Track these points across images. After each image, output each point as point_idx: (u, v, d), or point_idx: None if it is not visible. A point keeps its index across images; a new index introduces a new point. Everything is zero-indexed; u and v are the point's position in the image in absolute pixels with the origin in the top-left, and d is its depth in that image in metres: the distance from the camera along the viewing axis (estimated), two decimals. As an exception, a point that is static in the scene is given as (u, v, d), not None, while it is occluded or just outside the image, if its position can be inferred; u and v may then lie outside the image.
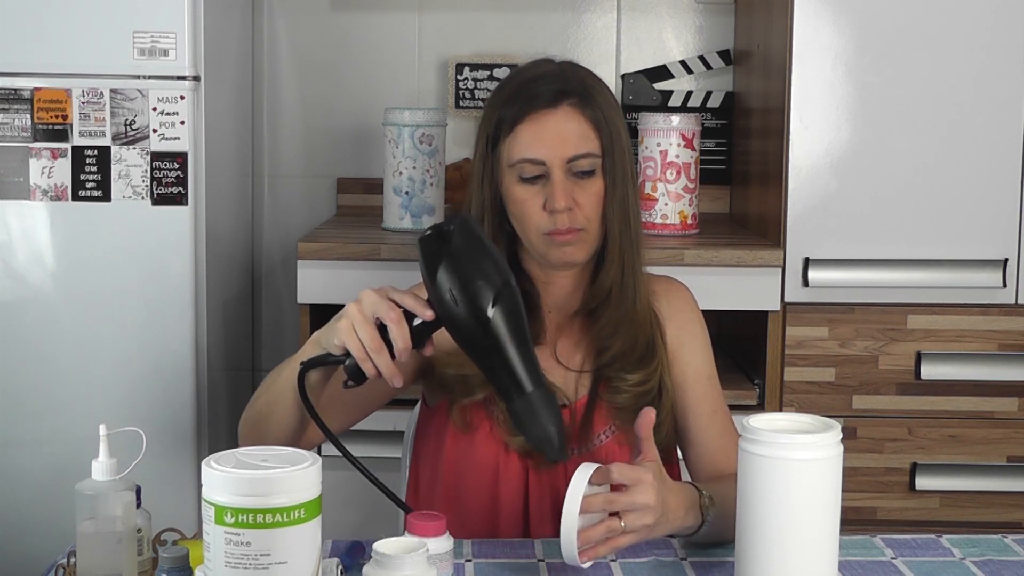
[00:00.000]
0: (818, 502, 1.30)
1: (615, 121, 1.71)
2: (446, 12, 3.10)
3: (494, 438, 1.69)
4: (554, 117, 1.67)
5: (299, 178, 3.13)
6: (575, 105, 1.68)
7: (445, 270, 1.40)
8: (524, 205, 1.68)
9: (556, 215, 1.66)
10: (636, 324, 1.72)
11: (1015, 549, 1.54)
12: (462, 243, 1.42)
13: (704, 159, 2.92)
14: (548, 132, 1.67)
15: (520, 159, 1.67)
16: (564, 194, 1.66)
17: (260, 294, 3.13)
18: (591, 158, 1.67)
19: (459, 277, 1.40)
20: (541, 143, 1.66)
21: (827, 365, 2.57)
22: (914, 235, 2.55)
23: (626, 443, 1.70)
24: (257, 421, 1.62)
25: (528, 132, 1.67)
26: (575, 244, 1.68)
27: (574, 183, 1.67)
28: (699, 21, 3.11)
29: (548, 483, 1.70)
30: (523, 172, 1.67)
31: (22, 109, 2.48)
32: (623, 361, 1.71)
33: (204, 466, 1.14)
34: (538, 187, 1.67)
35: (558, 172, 1.66)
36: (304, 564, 1.14)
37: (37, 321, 2.52)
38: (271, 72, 3.11)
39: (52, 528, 2.40)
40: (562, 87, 1.69)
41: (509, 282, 1.41)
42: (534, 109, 1.67)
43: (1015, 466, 2.58)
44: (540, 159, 1.66)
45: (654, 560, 1.50)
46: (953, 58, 2.53)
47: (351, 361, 1.44)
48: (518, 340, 1.40)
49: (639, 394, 1.70)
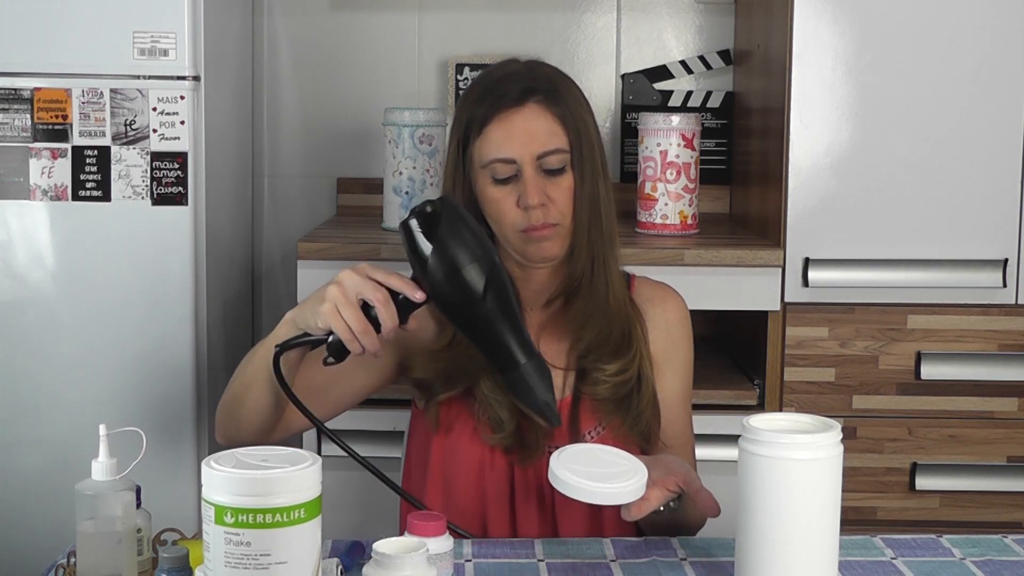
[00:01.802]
0: (818, 502, 1.30)
1: (583, 117, 1.73)
2: (446, 12, 3.10)
3: (478, 437, 1.71)
4: (521, 115, 1.69)
5: (299, 178, 3.13)
6: (541, 102, 1.70)
7: (436, 253, 1.44)
8: (499, 204, 1.70)
9: (530, 211, 1.68)
10: (609, 315, 1.74)
11: (1015, 549, 1.54)
12: (448, 223, 1.46)
13: (704, 159, 2.92)
14: (516, 131, 1.69)
15: (491, 159, 1.69)
16: (536, 190, 1.68)
17: (260, 294, 3.13)
18: (560, 154, 1.70)
19: (450, 258, 1.44)
20: (510, 142, 1.68)
21: (827, 365, 2.57)
22: (914, 235, 2.55)
23: (611, 440, 1.71)
24: (232, 405, 1.63)
25: (497, 132, 1.69)
26: (551, 239, 1.71)
27: (546, 180, 1.70)
28: (699, 21, 3.11)
29: (534, 480, 1.71)
30: (495, 173, 1.69)
31: (22, 109, 2.48)
32: (599, 351, 1.73)
33: (204, 466, 1.14)
34: (511, 186, 1.70)
35: (529, 169, 1.68)
36: (304, 564, 1.14)
37: (37, 321, 2.52)
38: (271, 72, 3.11)
39: (52, 528, 2.39)
40: (528, 85, 1.71)
41: (496, 259, 1.47)
42: (501, 109, 1.70)
43: (1015, 466, 2.58)
44: (511, 158, 1.68)
45: (654, 560, 1.50)
46: (953, 58, 2.53)
47: (335, 338, 1.47)
48: (510, 316, 1.46)
49: (618, 384, 1.72)
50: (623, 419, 1.72)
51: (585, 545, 1.55)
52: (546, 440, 1.70)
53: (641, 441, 1.74)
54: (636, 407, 1.72)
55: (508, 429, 1.68)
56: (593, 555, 1.51)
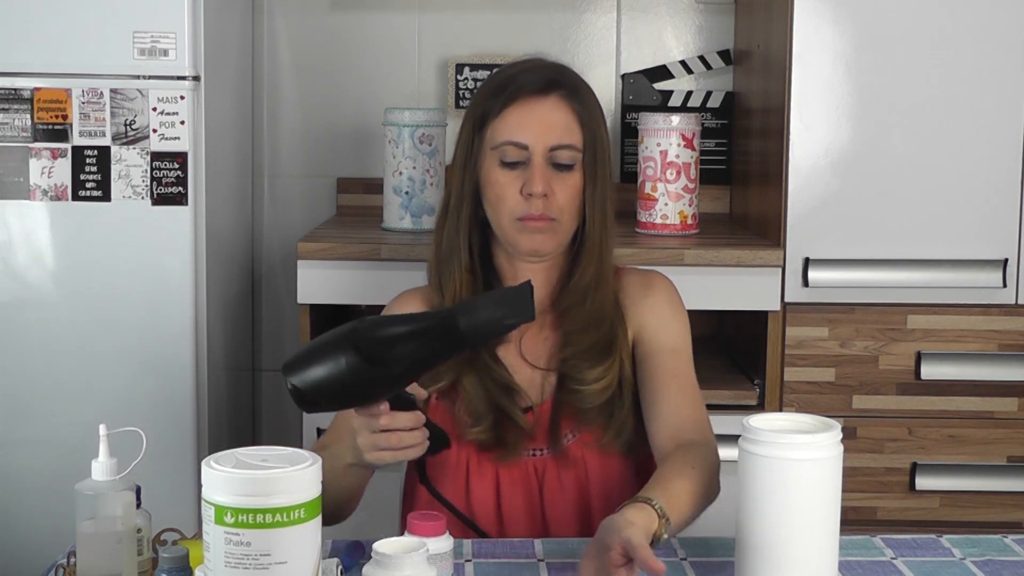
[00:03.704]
0: (818, 502, 1.30)
1: (599, 122, 1.75)
2: (446, 12, 3.10)
3: (464, 440, 1.71)
4: (543, 105, 1.71)
5: (299, 178, 3.13)
6: (564, 97, 1.72)
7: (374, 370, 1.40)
8: (501, 188, 1.71)
9: (532, 200, 1.69)
10: (602, 321, 1.74)
11: (1015, 549, 1.55)
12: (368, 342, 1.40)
13: (704, 159, 2.92)
14: (535, 118, 1.70)
15: (504, 141, 1.70)
16: (542, 179, 1.69)
17: (260, 294, 3.13)
18: (572, 151, 1.71)
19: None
20: (527, 128, 1.70)
21: (827, 365, 2.57)
22: (914, 235, 2.55)
23: (592, 444, 1.72)
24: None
25: (516, 115, 1.70)
26: (545, 232, 1.71)
27: (552, 173, 1.70)
28: (699, 21, 3.11)
29: (520, 480, 1.71)
30: (505, 155, 1.70)
31: (22, 109, 2.48)
32: (584, 355, 1.72)
33: (204, 466, 1.14)
34: (517, 172, 1.71)
35: (539, 159, 1.70)
36: (304, 564, 1.14)
37: (37, 321, 2.52)
38: (271, 72, 3.11)
39: (52, 528, 2.39)
40: (555, 78, 1.73)
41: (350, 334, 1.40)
42: (524, 94, 1.71)
43: (1015, 466, 2.58)
44: (524, 143, 1.69)
45: (654, 560, 1.50)
46: (953, 58, 2.53)
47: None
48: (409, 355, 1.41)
49: (599, 391, 1.71)
50: (604, 429, 1.72)
51: (585, 545, 1.55)
52: (527, 441, 1.70)
53: (625, 450, 1.73)
54: (618, 416, 1.72)
55: (485, 424, 1.69)
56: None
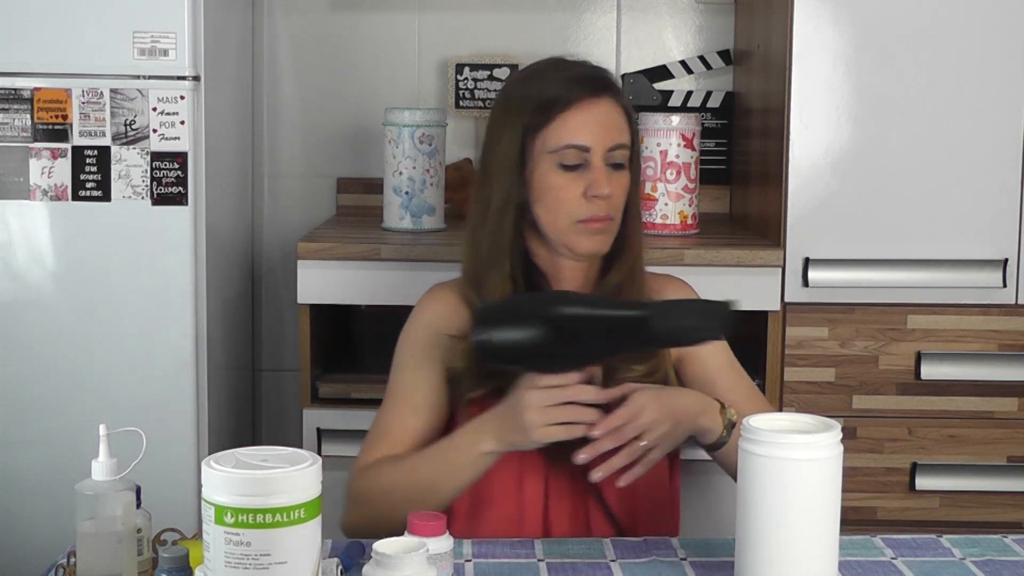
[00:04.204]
0: (818, 502, 1.30)
1: (636, 122, 1.78)
2: (446, 12, 3.10)
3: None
4: (599, 106, 1.72)
5: (299, 178, 3.13)
6: (614, 97, 1.74)
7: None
8: (561, 191, 1.70)
9: (595, 201, 1.69)
10: None
11: (1015, 549, 1.54)
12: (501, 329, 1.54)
13: (704, 159, 2.92)
14: (594, 120, 1.71)
15: (566, 144, 1.70)
16: (607, 180, 1.70)
17: (260, 294, 3.13)
18: (625, 150, 1.73)
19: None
20: (588, 130, 1.70)
21: (827, 365, 2.57)
22: (914, 235, 2.55)
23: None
24: (402, 502, 1.61)
25: (577, 118, 1.70)
26: (604, 233, 1.72)
27: (608, 173, 1.71)
28: (699, 21, 3.11)
29: (567, 483, 1.69)
30: (565, 159, 1.70)
31: (22, 109, 2.48)
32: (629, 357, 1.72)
33: (204, 466, 1.14)
34: (575, 174, 1.70)
35: (598, 159, 1.70)
36: (304, 564, 1.14)
37: (37, 321, 2.52)
38: (271, 72, 3.11)
39: (52, 528, 2.40)
40: (605, 79, 1.75)
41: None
42: (583, 96, 1.71)
43: (1015, 466, 2.58)
44: (586, 145, 1.70)
45: (654, 560, 1.50)
46: (953, 58, 2.53)
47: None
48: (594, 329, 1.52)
49: (645, 377, 1.71)
50: None
51: (585, 545, 1.55)
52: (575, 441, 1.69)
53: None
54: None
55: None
56: (593, 555, 1.51)
